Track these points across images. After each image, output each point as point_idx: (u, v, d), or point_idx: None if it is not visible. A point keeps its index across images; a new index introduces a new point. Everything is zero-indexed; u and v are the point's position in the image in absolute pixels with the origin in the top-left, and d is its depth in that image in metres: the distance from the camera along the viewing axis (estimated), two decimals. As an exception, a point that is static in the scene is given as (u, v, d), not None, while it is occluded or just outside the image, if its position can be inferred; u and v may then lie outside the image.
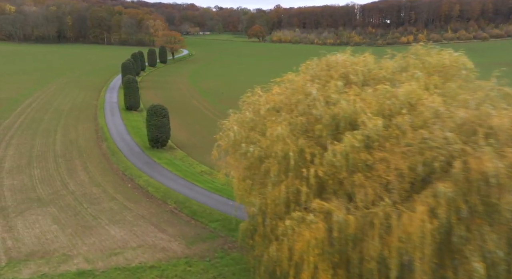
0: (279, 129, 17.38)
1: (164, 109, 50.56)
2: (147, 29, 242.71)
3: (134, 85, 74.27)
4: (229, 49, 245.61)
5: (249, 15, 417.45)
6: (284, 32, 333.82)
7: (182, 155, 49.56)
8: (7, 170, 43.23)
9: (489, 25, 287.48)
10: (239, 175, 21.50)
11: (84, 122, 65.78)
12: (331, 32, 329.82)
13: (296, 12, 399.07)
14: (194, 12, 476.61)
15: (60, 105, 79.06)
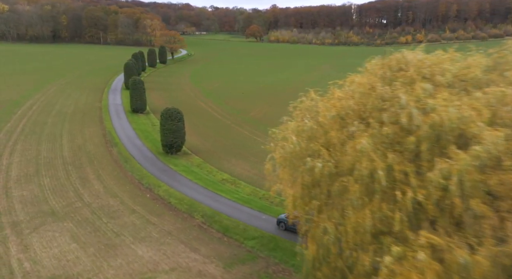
0: (363, 143, 14.69)
1: (179, 112, 47.79)
2: (144, 29, 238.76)
3: (140, 86, 71.29)
4: (227, 49, 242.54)
5: (245, 15, 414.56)
6: (281, 32, 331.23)
7: (199, 161, 46.78)
8: (14, 179, 40.21)
9: (487, 25, 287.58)
10: (296, 192, 18.78)
11: (90, 126, 62.73)
12: (329, 32, 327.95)
13: (293, 12, 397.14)
14: (189, 12, 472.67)
15: (62, 107, 75.81)
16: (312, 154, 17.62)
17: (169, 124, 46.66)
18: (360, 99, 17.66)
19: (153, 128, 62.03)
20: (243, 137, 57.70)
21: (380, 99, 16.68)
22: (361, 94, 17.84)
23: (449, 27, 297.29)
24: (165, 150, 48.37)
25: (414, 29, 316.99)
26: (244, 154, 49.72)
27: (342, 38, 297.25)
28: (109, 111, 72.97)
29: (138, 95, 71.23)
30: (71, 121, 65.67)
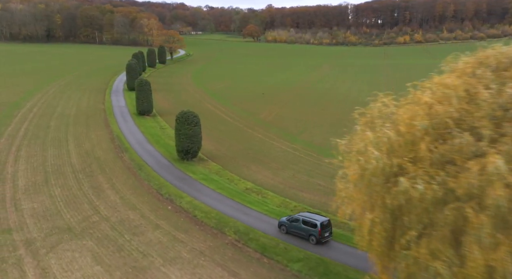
0: (497, 163, 12.02)
1: (196, 116, 45.10)
2: (141, 28, 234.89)
3: (147, 87, 68.32)
4: (226, 49, 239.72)
5: (241, 15, 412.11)
6: (278, 32, 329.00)
7: (217, 168, 44.09)
8: (22, 189, 37.23)
9: (484, 25, 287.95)
10: (376, 217, 16.12)
11: (96, 130, 59.67)
12: (326, 32, 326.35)
13: (289, 12, 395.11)
14: (184, 12, 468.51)
15: (64, 110, 72.58)
16: (398, 172, 15.05)
17: (185, 129, 43.92)
18: (460, 105, 14.98)
19: (162, 132, 59.22)
20: (258, 141, 55.10)
21: (496, 106, 14.06)
22: (460, 99, 15.18)
23: (447, 27, 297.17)
24: (180, 156, 45.61)
25: (411, 29, 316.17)
26: (263, 159, 47.13)
27: (340, 38, 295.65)
28: (114, 114, 69.92)
29: (144, 97, 68.28)
30: (75, 124, 62.54)
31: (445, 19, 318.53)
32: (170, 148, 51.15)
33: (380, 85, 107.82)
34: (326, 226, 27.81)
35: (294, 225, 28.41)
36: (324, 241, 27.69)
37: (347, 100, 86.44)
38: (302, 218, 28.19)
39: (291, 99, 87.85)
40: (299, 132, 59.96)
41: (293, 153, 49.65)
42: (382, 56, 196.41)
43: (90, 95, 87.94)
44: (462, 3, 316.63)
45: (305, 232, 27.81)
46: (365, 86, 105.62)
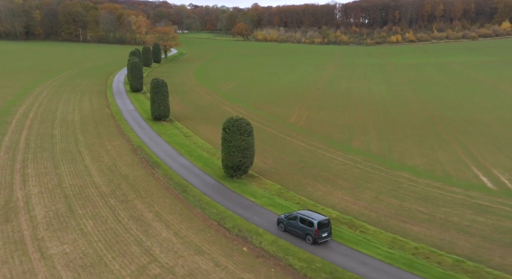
0: None
1: (249, 124, 37.28)
2: (128, 25, 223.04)
3: (164, 89, 59.79)
4: (219, 48, 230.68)
5: (228, 13, 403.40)
6: (267, 30, 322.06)
7: (277, 187, 36.31)
8: (43, 224, 28.61)
9: (475, 25, 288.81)
10: None
11: (111, 139, 50.89)
12: (315, 31, 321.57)
13: (277, 11, 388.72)
14: (168, 10, 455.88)
15: (66, 115, 63.19)
16: None
17: (236, 139, 36.04)
18: None
19: (190, 141, 50.97)
20: (306, 152, 47.53)
21: None
22: None
23: (436, 26, 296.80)
24: (228, 173, 37.65)
25: (401, 28, 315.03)
26: (325, 176, 39.60)
27: (331, 38, 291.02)
28: (126, 120, 61.07)
29: (161, 100, 59.73)
30: (84, 132, 53.52)
31: (434, 19, 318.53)
32: (208, 161, 43.18)
33: (398, 85, 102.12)
34: (325, 225, 26.24)
35: (292, 223, 27.29)
36: (321, 241, 26.13)
37: (373, 101, 79.90)
38: (300, 216, 26.92)
39: (316, 101, 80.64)
40: (347, 140, 52.75)
41: (355, 166, 42.34)
42: (380, 55, 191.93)
43: (90, 97, 78.42)
44: (451, 3, 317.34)
45: (302, 231, 26.63)
46: (383, 86, 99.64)
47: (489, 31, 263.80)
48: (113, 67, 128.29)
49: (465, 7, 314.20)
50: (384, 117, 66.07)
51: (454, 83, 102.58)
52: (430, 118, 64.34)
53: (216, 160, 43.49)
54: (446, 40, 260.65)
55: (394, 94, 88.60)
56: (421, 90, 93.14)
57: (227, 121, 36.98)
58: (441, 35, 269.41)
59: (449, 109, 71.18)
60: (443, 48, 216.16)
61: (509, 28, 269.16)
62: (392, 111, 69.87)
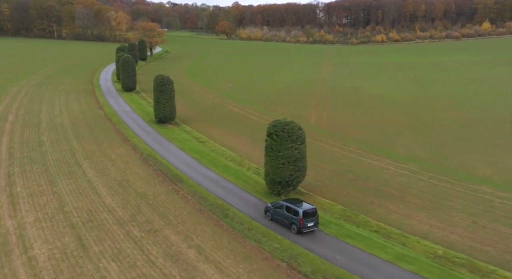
0: None
1: (301, 129, 30.37)
2: (107, 22, 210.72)
3: (169, 88, 51.99)
4: (205, 46, 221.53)
5: (209, 11, 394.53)
6: (251, 29, 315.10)
7: (338, 208, 29.17)
8: (48, 270, 20.76)
9: (456, 25, 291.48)
10: None
11: (113, 146, 42.77)
12: (299, 30, 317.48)
13: (259, 9, 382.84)
14: (146, 7, 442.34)
15: (53, 117, 54.33)
16: None
17: (287, 148, 29.03)
18: None
19: (206, 147, 43.45)
20: (348, 160, 40.84)
21: None
22: None
23: (419, 26, 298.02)
24: (274, 189, 30.52)
25: (384, 28, 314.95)
26: (388, 191, 32.76)
27: (316, 37, 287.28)
28: (126, 123, 52.82)
29: (166, 100, 51.86)
30: (78, 138, 45.11)
31: (416, 19, 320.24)
32: (239, 173, 35.96)
33: (404, 83, 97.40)
34: (310, 214, 25.26)
35: (278, 212, 26.50)
36: (306, 231, 25.22)
37: (388, 100, 74.31)
38: (286, 205, 26.18)
39: (328, 101, 74.30)
40: (384, 144, 46.51)
41: (416, 177, 35.89)
42: (371, 54, 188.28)
43: (77, 97, 69.36)
44: (432, 3, 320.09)
45: (287, 220, 25.83)
46: (390, 85, 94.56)
47: (471, 31, 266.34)
48: (96, 65, 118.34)
49: (446, 8, 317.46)
50: (410, 118, 60.40)
51: (460, 82, 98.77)
52: (461, 119, 59.09)
53: (247, 172, 36.34)
54: (430, 40, 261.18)
55: (405, 93, 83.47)
56: (430, 88, 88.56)
57: (274, 126, 29.83)
58: (425, 35, 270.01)
59: (475, 108, 66.33)
60: (429, 48, 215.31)
61: (489, 28, 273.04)
62: (415, 112, 64.34)
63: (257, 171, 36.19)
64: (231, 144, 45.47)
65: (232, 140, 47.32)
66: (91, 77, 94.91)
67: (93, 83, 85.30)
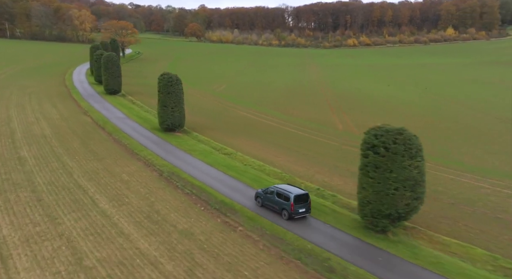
0: None
1: (417, 137, 22.72)
2: (69, 21, 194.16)
3: (179, 89, 43.10)
4: (177, 48, 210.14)
5: (175, 13, 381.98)
6: (221, 32, 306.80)
7: (476, 252, 21.86)
8: None
9: (422, 31, 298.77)
10: None
11: (120, 162, 33.41)
12: (270, 33, 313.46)
13: (228, 12, 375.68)
14: (107, 8, 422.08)
15: (28, 126, 43.72)
16: None
17: (403, 168, 21.17)
18: None
19: (237, 161, 35.05)
20: (431, 177, 33.93)
21: None
22: None
23: (387, 31, 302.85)
24: (379, 224, 22.27)
25: (353, 33, 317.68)
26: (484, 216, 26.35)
27: (288, 40, 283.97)
28: (124, 131, 43.19)
29: (175, 104, 42.88)
30: (70, 153, 35.28)
31: (383, 24, 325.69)
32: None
33: (404, 85, 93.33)
34: (302, 200, 23.98)
35: (269, 197, 25.24)
36: (297, 217, 23.97)
37: (402, 103, 69.12)
38: (277, 190, 24.86)
39: (340, 103, 67.80)
40: (446, 153, 40.20)
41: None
42: (349, 57, 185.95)
43: (52, 102, 58.42)
44: (398, 9, 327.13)
45: (278, 206, 24.49)
46: (394, 88, 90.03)
47: (438, 37, 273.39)
48: (63, 66, 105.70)
49: (411, 14, 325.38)
50: (450, 122, 55.01)
51: (460, 82, 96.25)
52: (501, 123, 54.35)
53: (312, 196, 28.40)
54: (400, 44, 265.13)
55: (413, 95, 78.92)
56: (433, 90, 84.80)
57: (378, 135, 21.72)
58: (394, 39, 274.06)
59: (499, 109, 62.24)
60: (402, 51, 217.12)
61: (453, 34, 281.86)
62: (447, 115, 59.23)
63: (322, 194, 28.33)
64: (263, 155, 37.41)
65: (262, 151, 39.25)
66: (61, 78, 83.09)
67: (66, 86, 73.91)
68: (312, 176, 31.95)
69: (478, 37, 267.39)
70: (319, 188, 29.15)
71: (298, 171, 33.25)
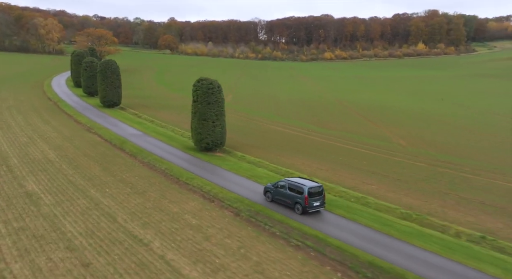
0: None
1: None
2: (34, 30, 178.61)
3: (220, 97, 34.82)
4: (153, 60, 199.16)
5: (145, 25, 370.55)
6: (195, 44, 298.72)
7: None
8: None
9: (394, 45, 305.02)
10: None
11: (173, 196, 24.66)
12: (245, 46, 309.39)
13: (200, 25, 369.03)
14: (71, 19, 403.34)
15: (23, 148, 33.85)
16: None
17: None
18: None
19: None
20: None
21: None
22: None
23: (360, 46, 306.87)
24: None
25: (328, 46, 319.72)
26: None
27: (265, 53, 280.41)
28: (153, 152, 34.07)
29: (217, 116, 34.47)
30: (96, 184, 26.14)
31: (356, 39, 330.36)
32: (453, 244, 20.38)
33: (412, 95, 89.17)
34: (317, 193, 22.52)
35: (280, 192, 23.63)
36: (312, 211, 22.45)
37: (448, 115, 63.92)
38: (289, 183, 23.38)
39: (375, 116, 61.25)
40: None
41: None
42: (334, 70, 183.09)
43: (42, 117, 48.11)
44: (369, 24, 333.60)
45: (291, 200, 22.91)
46: (409, 98, 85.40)
47: (410, 51, 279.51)
48: (35, 77, 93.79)
49: (383, 29, 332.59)
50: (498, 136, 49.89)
51: (469, 94, 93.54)
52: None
53: (455, 240, 20.93)
54: (376, 58, 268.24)
55: (438, 106, 74.18)
56: (450, 100, 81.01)
57: None
58: (370, 53, 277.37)
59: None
60: (383, 64, 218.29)
61: (424, 49, 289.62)
62: (494, 128, 54.30)
63: (473, 238, 20.91)
64: (344, 181, 29.59)
65: (338, 174, 31.37)
66: (39, 91, 71.89)
67: (50, 98, 63.17)
68: (435, 211, 24.51)
69: (449, 52, 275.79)
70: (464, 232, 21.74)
71: (411, 203, 25.69)
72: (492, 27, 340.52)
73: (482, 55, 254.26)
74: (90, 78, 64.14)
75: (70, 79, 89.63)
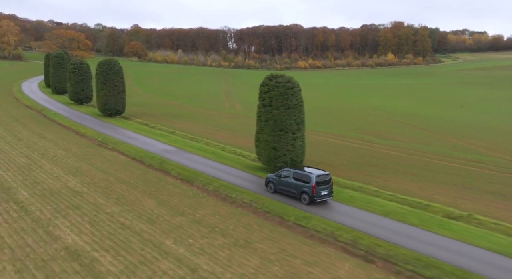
0: None
1: None
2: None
3: (299, 99, 26.60)
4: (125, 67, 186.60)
5: (107, 32, 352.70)
6: (164, 52, 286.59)
7: None
8: None
9: (364, 55, 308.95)
10: None
11: (278, 238, 16.07)
12: (216, 55, 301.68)
13: (167, 33, 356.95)
14: (23, 23, 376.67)
15: (27, 174, 23.83)
16: None
17: None
18: None
19: (437, 225, 19.60)
20: None
21: None
22: None
23: (332, 55, 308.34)
24: None
25: (299, 56, 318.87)
26: None
27: (238, 62, 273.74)
28: (213, 175, 25.18)
29: (299, 126, 26.20)
30: (164, 230, 17.00)
31: (326, 48, 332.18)
32: None
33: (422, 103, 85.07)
34: (324, 182, 21.17)
35: (284, 181, 22.21)
36: (320, 200, 21.02)
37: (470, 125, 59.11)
38: (294, 171, 22.02)
39: (427, 126, 55.04)
40: None
41: None
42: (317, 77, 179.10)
43: (34, 130, 37.59)
44: (339, 34, 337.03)
45: (297, 189, 21.48)
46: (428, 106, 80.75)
47: (381, 61, 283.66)
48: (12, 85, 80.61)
49: (352, 39, 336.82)
50: None
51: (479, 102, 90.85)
52: None
53: None
54: (349, 67, 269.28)
55: (464, 114, 69.73)
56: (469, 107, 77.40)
57: None
58: (343, 62, 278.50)
59: None
60: (358, 73, 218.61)
61: (394, 58, 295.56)
62: None
63: None
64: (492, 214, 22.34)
65: (489, 206, 23.92)
66: (9, 98, 60.02)
67: (29, 106, 51.88)
68: None
69: (418, 62, 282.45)
70: None
71: None
72: (452, 39, 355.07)
73: (450, 65, 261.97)
74: (80, 83, 53.64)
75: (43, 85, 77.71)
